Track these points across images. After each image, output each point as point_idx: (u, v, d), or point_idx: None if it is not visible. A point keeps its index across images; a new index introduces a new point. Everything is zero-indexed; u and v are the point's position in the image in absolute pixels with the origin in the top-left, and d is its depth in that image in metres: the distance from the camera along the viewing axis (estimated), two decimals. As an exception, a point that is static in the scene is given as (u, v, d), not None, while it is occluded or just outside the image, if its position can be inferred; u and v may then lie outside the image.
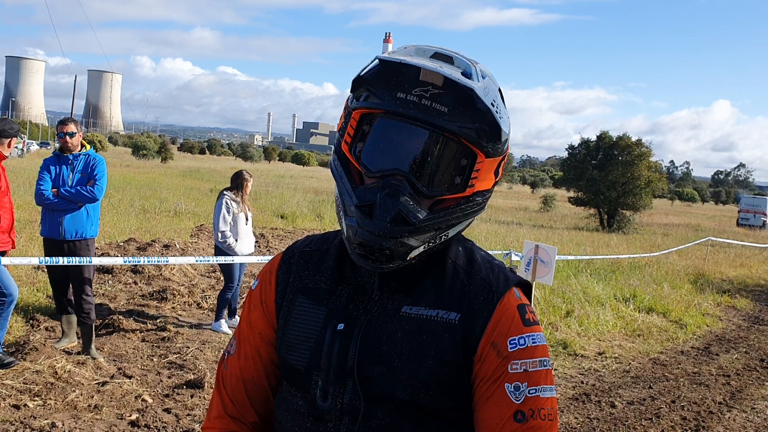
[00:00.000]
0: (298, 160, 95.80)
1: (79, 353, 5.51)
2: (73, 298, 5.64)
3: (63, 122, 5.54)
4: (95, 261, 5.74)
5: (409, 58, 1.11)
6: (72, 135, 5.44)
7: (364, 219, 1.11)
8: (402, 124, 1.11)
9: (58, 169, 5.44)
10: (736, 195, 78.87)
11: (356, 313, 1.20)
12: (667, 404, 5.92)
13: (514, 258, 8.37)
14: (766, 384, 6.94)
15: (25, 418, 4.17)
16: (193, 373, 5.35)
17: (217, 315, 6.89)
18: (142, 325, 6.62)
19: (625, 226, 28.00)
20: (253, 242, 7.15)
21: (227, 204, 6.74)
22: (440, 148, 1.12)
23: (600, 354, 7.48)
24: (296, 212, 19.07)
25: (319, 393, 1.19)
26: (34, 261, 5.72)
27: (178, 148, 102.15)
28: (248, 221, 6.95)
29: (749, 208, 41.41)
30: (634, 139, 29.97)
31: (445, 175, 1.14)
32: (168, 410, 4.62)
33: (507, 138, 1.18)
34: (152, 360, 5.71)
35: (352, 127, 1.17)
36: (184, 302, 7.78)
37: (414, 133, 1.11)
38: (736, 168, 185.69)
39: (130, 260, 7.09)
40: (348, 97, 1.19)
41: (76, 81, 53.02)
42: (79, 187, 5.37)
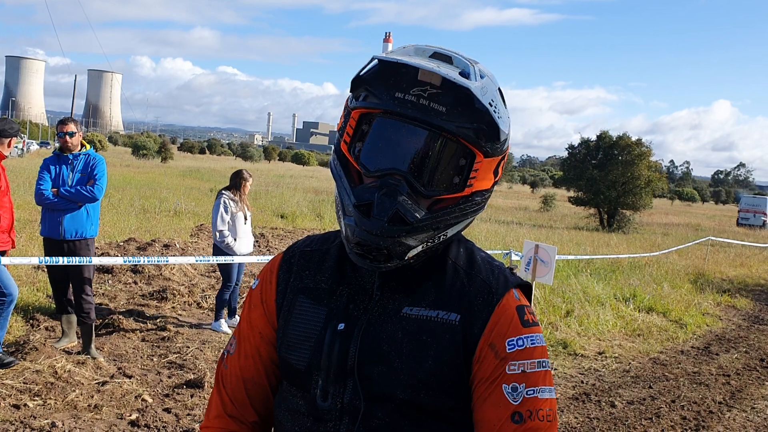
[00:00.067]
0: (298, 159, 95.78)
1: (79, 353, 5.51)
2: (73, 297, 5.64)
3: (63, 122, 5.54)
4: (95, 261, 5.74)
5: (408, 57, 1.11)
6: (72, 135, 5.44)
7: (362, 218, 1.11)
8: (400, 123, 1.11)
9: (58, 169, 5.44)
10: (736, 195, 78.86)
11: (357, 313, 1.20)
12: (667, 404, 5.92)
13: (514, 258, 8.37)
14: (766, 383, 6.95)
15: (25, 418, 4.17)
16: (193, 373, 5.35)
17: (217, 315, 6.89)
18: (142, 325, 6.62)
19: (625, 225, 27.99)
20: (251, 242, 7.14)
21: (225, 203, 6.74)
22: (438, 147, 1.11)
23: (600, 354, 7.48)
24: (296, 212, 19.07)
25: (319, 393, 1.19)
26: (34, 261, 5.72)
27: (178, 147, 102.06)
28: (247, 220, 6.94)
29: (749, 207, 41.39)
30: (634, 138, 30.00)
31: (444, 175, 1.13)
32: (168, 410, 4.62)
33: (506, 138, 1.17)
34: (152, 360, 5.71)
35: (351, 126, 1.17)
36: (184, 302, 7.78)
37: (412, 132, 1.11)
38: (736, 168, 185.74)
39: (130, 260, 7.09)
40: (348, 97, 1.19)
41: (76, 81, 53.02)
42: (79, 187, 5.38)
